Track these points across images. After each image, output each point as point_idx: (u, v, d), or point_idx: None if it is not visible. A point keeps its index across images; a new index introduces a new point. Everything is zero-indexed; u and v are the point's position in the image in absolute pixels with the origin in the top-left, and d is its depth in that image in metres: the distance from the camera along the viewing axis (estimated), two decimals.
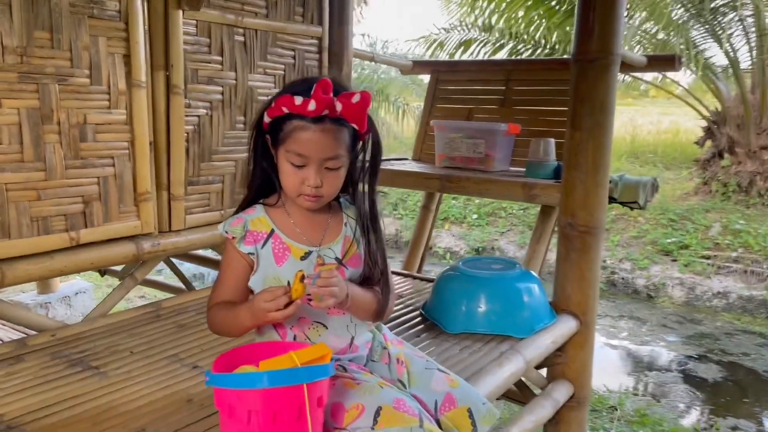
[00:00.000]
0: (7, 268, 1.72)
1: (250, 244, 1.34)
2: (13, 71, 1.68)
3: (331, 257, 1.37)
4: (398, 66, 3.25)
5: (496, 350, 1.92)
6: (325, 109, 1.23)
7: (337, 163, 1.28)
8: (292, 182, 1.29)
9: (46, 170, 1.78)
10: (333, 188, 1.31)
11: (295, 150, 1.25)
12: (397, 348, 1.52)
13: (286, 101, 1.24)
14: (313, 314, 1.37)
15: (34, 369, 1.67)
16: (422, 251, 3.00)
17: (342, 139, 1.27)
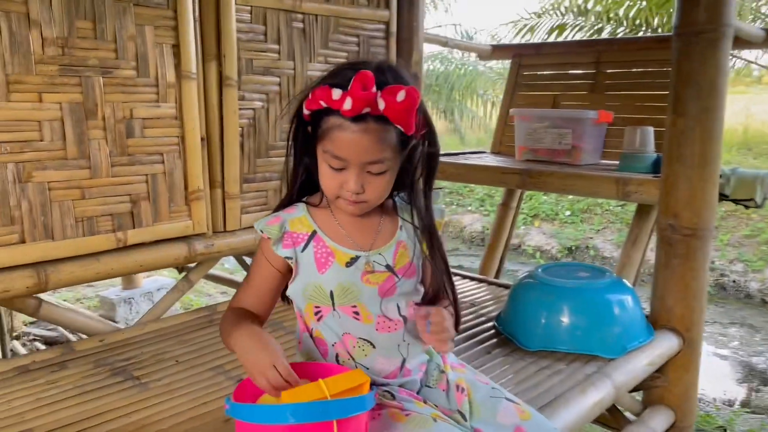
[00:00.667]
0: (51, 270, 1.64)
1: (288, 246, 1.16)
2: (54, 64, 1.60)
3: (381, 264, 1.18)
4: (475, 51, 3.00)
5: (580, 373, 1.65)
6: (364, 108, 1.03)
7: (381, 168, 1.09)
8: (329, 185, 1.12)
9: (91, 168, 1.69)
10: (377, 193, 1.12)
11: (333, 151, 1.07)
12: (457, 372, 1.30)
13: (323, 94, 1.05)
14: (358, 330, 1.18)
15: (75, 378, 1.59)
16: (501, 253, 2.74)
17: (387, 141, 1.06)
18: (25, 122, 1.57)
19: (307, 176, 1.20)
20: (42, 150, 1.60)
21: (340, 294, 1.16)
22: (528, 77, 2.78)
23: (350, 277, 1.16)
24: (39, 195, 1.61)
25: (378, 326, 1.18)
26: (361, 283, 1.16)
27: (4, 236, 1.57)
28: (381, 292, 1.17)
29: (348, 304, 1.17)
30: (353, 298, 1.16)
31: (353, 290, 1.16)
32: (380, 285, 1.17)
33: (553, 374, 1.65)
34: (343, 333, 1.18)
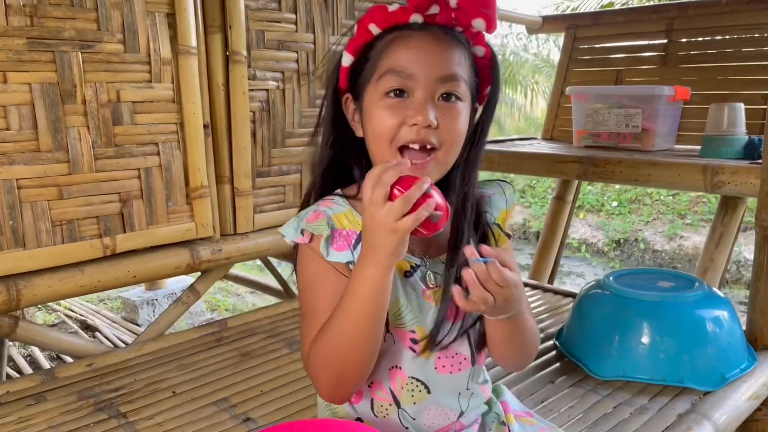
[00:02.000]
0: (23, 284, 1.37)
1: (342, 248, 0.85)
2: (21, 37, 1.32)
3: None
4: (524, 23, 2.65)
5: (669, 411, 1.31)
6: (434, 1, 0.81)
7: (458, 87, 0.82)
8: (385, 125, 0.81)
9: (70, 162, 1.41)
10: (455, 133, 0.82)
11: (394, 67, 0.80)
12: (522, 424, 0.98)
13: (376, 14, 0.83)
14: (411, 366, 0.88)
15: (52, 413, 1.32)
16: (556, 255, 2.40)
17: (462, 55, 0.83)
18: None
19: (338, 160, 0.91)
20: (8, 141, 1.33)
21: (397, 314, 0.85)
22: (585, 51, 2.42)
23: (410, 292, 0.86)
24: (6, 195, 1.34)
25: (438, 363, 0.89)
26: (423, 299, 0.86)
27: None
28: (450, 314, 0.87)
29: (405, 328, 0.86)
30: (412, 318, 0.86)
31: (414, 310, 0.86)
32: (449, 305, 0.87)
33: (636, 413, 1.31)
34: (391, 366, 0.87)
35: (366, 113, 0.84)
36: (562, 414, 1.31)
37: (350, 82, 0.87)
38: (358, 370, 0.80)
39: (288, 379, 1.45)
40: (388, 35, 0.83)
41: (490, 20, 0.81)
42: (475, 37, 0.86)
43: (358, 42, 0.84)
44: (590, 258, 6.90)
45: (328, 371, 0.80)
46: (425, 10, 0.81)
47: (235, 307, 4.31)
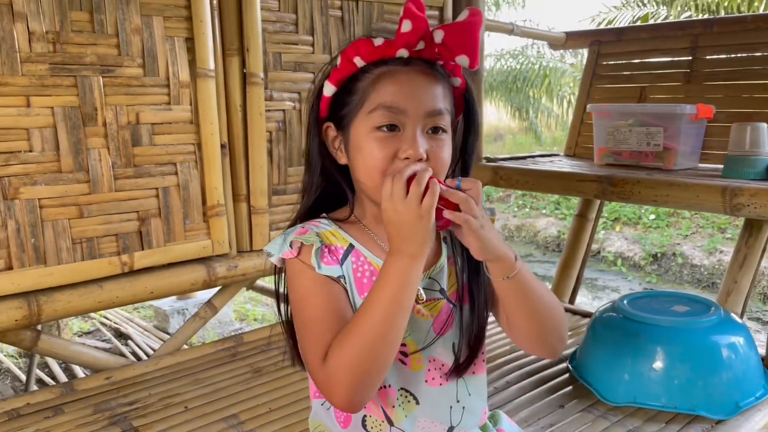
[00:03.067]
0: (44, 300, 1.43)
1: (331, 263, 0.86)
2: (44, 62, 1.38)
3: (434, 290, 0.90)
4: (547, 39, 2.63)
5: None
6: (422, 36, 0.82)
7: (443, 121, 0.84)
8: (378, 161, 0.82)
9: (90, 182, 1.47)
10: (442, 162, 0.85)
11: (385, 103, 0.82)
12: None
13: (361, 47, 0.84)
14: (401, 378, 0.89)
15: (68, 427, 1.37)
16: (578, 272, 2.37)
17: (446, 90, 0.87)
18: (10, 130, 1.36)
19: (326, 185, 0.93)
20: (31, 162, 1.39)
21: None
22: (608, 68, 2.39)
23: None
24: (28, 214, 1.40)
25: (428, 375, 0.90)
26: (413, 313, 0.86)
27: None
28: (437, 326, 0.89)
29: None
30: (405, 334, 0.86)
31: None
32: (436, 317, 0.89)
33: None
34: (383, 385, 0.89)
35: (354, 144, 0.85)
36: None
37: (331, 111, 0.89)
38: (385, 366, 0.79)
39: (296, 397, 1.47)
40: (375, 69, 0.84)
41: (474, 57, 0.83)
42: (453, 69, 0.88)
43: (342, 73, 0.85)
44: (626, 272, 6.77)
45: (355, 371, 0.77)
46: (414, 46, 0.83)
47: (264, 316, 4.36)
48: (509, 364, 1.66)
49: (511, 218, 8.37)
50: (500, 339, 1.82)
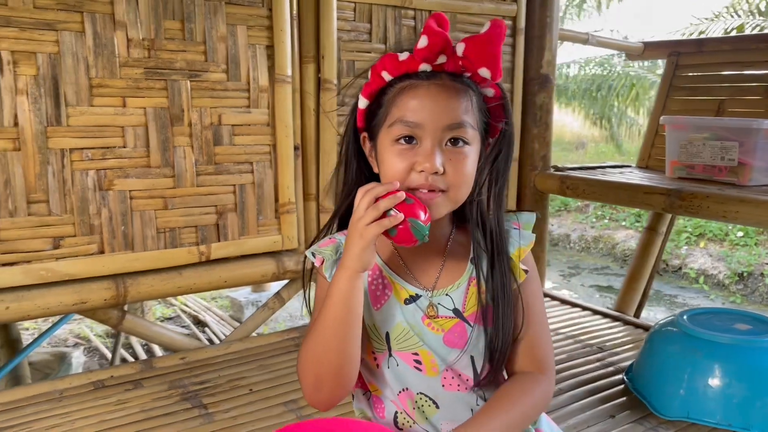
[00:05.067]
0: (130, 283, 1.57)
1: None
2: (139, 67, 1.52)
3: (447, 307, 0.92)
4: (624, 50, 2.60)
5: None
6: (441, 51, 0.83)
7: (464, 133, 0.85)
8: (397, 171, 0.85)
9: (175, 177, 1.60)
10: (461, 177, 0.86)
11: (403, 117, 0.84)
12: None
13: (387, 62, 0.87)
14: (419, 383, 0.93)
15: (146, 399, 1.49)
16: (645, 286, 2.33)
17: (468, 102, 0.86)
18: (107, 128, 1.51)
19: None
20: (124, 157, 1.53)
21: (398, 337, 0.91)
22: (686, 79, 2.34)
23: (410, 317, 0.92)
24: (120, 204, 1.54)
25: (444, 381, 0.93)
26: (423, 326, 0.91)
27: (83, 246, 1.51)
28: (446, 341, 0.92)
29: (408, 350, 0.92)
30: (414, 343, 0.91)
31: (413, 334, 0.91)
32: (446, 333, 0.92)
33: None
34: (402, 388, 0.94)
35: (379, 155, 0.90)
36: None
37: (366, 122, 0.93)
38: (333, 373, 0.85)
39: None
40: (399, 83, 0.87)
41: (495, 69, 0.85)
42: (483, 80, 0.88)
43: (372, 87, 0.90)
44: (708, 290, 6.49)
45: (307, 374, 0.86)
46: (433, 60, 0.85)
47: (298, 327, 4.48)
48: (564, 372, 1.67)
49: (588, 229, 8.18)
50: (558, 347, 1.83)
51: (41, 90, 1.42)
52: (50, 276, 1.47)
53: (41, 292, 1.47)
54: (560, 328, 1.99)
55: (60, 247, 1.48)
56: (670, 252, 7.05)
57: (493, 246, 0.91)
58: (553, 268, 7.17)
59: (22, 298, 1.45)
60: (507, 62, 2.17)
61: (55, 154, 1.45)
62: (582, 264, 7.50)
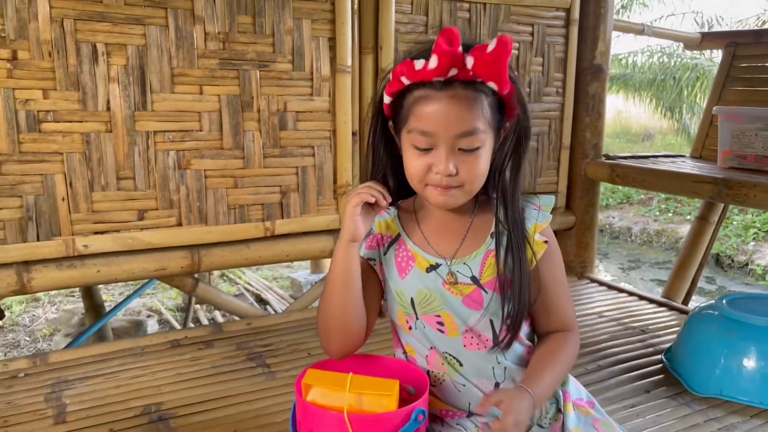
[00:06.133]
0: (204, 253, 1.75)
1: (371, 248, 1.07)
2: (215, 58, 1.68)
3: (465, 274, 1.03)
4: (680, 40, 2.61)
5: None
6: (451, 67, 0.90)
7: (475, 141, 0.94)
8: (416, 170, 0.97)
9: (245, 158, 1.76)
10: (473, 175, 0.96)
11: (419, 128, 0.94)
12: (580, 414, 1.10)
13: (405, 69, 0.94)
14: (443, 344, 1.06)
15: (216, 357, 1.66)
16: (694, 274, 2.35)
17: (480, 108, 0.93)
18: (186, 113, 1.68)
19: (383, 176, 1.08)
20: (201, 140, 1.70)
21: (422, 302, 1.04)
22: (743, 70, 2.34)
23: (431, 284, 1.04)
24: (196, 182, 1.71)
25: (465, 341, 1.05)
26: (444, 291, 1.03)
27: (164, 218, 1.69)
28: (465, 303, 1.03)
29: (431, 314, 1.05)
30: (436, 307, 1.04)
31: (435, 298, 1.03)
32: (464, 297, 1.03)
33: (723, 430, 1.35)
34: (430, 347, 1.07)
35: (402, 149, 1.00)
36: (650, 420, 1.38)
37: (392, 113, 1.01)
38: (337, 327, 1.00)
39: None
40: (416, 90, 0.94)
41: (502, 83, 0.92)
42: None
43: (393, 88, 0.98)
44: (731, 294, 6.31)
45: (320, 327, 1.03)
46: (445, 75, 0.92)
47: None
48: (604, 351, 1.75)
49: (651, 222, 8.03)
50: (600, 329, 1.90)
51: (130, 78, 1.59)
52: (135, 244, 1.65)
53: (127, 258, 1.66)
54: (605, 311, 2.06)
55: (144, 218, 1.66)
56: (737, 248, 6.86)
57: (511, 223, 1.01)
58: (613, 261, 7.09)
59: (111, 263, 1.64)
60: (560, 53, 2.24)
61: (141, 136, 1.63)
62: (643, 257, 7.38)
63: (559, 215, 2.37)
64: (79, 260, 1.61)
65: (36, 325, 3.88)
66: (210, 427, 1.33)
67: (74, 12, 1.51)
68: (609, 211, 8.72)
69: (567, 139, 2.32)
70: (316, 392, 0.99)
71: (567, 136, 2.32)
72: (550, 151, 2.30)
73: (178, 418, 1.36)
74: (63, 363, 1.61)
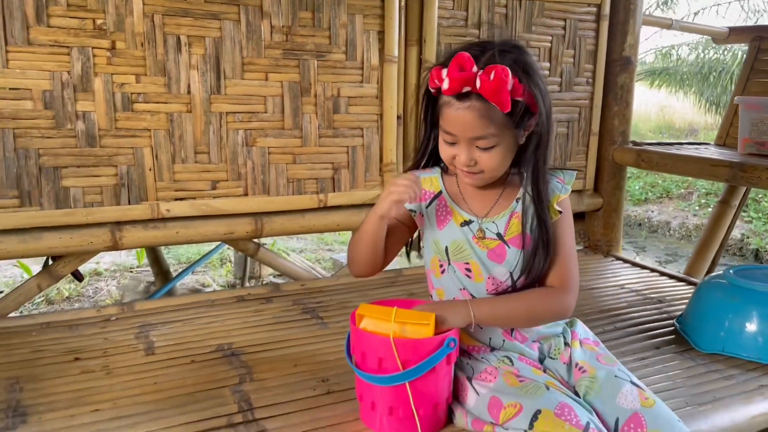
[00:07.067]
0: (266, 220, 1.99)
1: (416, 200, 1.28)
2: (279, 48, 1.92)
3: (492, 231, 1.26)
4: (708, 34, 2.74)
5: (753, 382, 1.51)
6: (462, 87, 1.11)
7: (487, 143, 1.16)
8: (446, 156, 1.23)
9: (302, 138, 2.00)
10: (490, 166, 1.19)
11: (444, 127, 1.19)
12: (585, 350, 1.31)
13: (435, 74, 1.16)
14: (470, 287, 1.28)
15: (276, 311, 1.91)
16: (714, 254, 2.50)
17: (491, 117, 1.13)
18: (254, 97, 1.92)
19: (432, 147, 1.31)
20: (265, 120, 1.94)
21: (454, 250, 1.26)
22: (767, 63, 2.47)
23: (463, 236, 1.26)
24: (260, 157, 1.96)
25: (488, 286, 1.27)
26: (473, 243, 1.26)
27: (232, 189, 1.94)
28: (491, 256, 1.26)
29: (461, 261, 1.27)
30: (466, 255, 1.26)
31: (465, 249, 1.26)
32: (490, 250, 1.26)
33: (722, 379, 1.53)
34: (460, 288, 1.29)
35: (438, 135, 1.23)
36: (655, 370, 1.57)
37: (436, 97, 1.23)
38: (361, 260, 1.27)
39: None
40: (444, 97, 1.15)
41: (502, 105, 1.10)
42: None
43: (432, 85, 1.18)
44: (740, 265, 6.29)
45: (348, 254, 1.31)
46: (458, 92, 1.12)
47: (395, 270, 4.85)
48: (622, 315, 1.93)
49: (690, 217, 8.03)
50: (621, 298, 2.09)
51: (207, 66, 1.84)
52: (208, 210, 1.91)
53: (201, 222, 1.92)
54: (626, 284, 2.24)
55: (216, 188, 1.92)
56: None
57: (536, 192, 1.23)
58: (650, 254, 7.15)
59: (188, 227, 1.90)
60: (590, 45, 2.41)
61: (215, 117, 1.88)
62: (680, 251, 7.41)
63: (587, 197, 2.55)
64: (161, 222, 1.87)
65: (99, 296, 4.22)
66: (275, 361, 1.57)
67: (163, 8, 1.76)
68: (648, 205, 8.74)
69: (596, 126, 2.49)
70: (366, 322, 1.22)
71: (596, 123, 2.49)
72: (579, 136, 2.48)
73: (248, 354, 1.61)
74: (146, 310, 1.88)
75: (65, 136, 1.72)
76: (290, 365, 1.55)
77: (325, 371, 1.51)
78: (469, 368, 1.27)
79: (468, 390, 1.24)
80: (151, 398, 1.36)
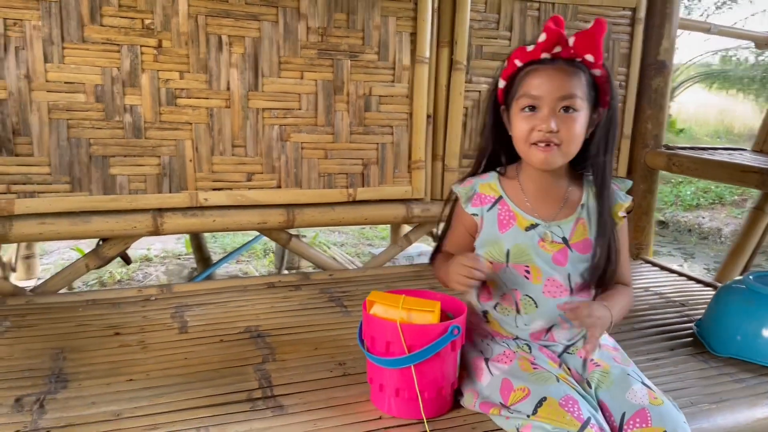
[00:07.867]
0: (297, 212, 2.09)
1: (476, 205, 1.35)
2: (314, 48, 2.02)
3: (558, 236, 1.30)
4: (749, 39, 2.71)
5: (763, 386, 1.52)
6: (556, 44, 1.18)
7: (574, 103, 1.19)
8: (521, 132, 1.23)
9: (334, 134, 2.09)
10: (570, 134, 1.20)
11: (527, 92, 1.21)
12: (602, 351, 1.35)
13: (518, 53, 1.23)
14: (526, 287, 1.32)
15: (303, 298, 2.01)
16: (746, 261, 2.47)
17: (578, 80, 1.19)
18: (289, 94, 2.02)
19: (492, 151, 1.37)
20: (299, 117, 2.04)
21: (516, 253, 1.31)
22: None
23: (528, 240, 1.30)
24: (294, 152, 2.06)
25: (545, 289, 1.31)
26: (537, 247, 1.30)
27: (267, 181, 2.05)
28: (554, 259, 1.30)
29: (521, 263, 1.31)
30: (527, 259, 1.30)
31: (528, 252, 1.30)
32: (554, 253, 1.30)
33: (732, 382, 1.55)
34: (513, 288, 1.33)
35: (511, 121, 1.27)
36: (665, 370, 1.59)
37: (504, 97, 1.29)
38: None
39: None
40: (527, 67, 1.22)
41: (597, 54, 1.18)
42: (591, 63, 1.22)
43: (508, 71, 1.26)
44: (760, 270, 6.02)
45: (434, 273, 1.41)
46: (551, 50, 1.19)
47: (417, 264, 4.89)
48: (641, 317, 1.96)
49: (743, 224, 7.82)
50: (643, 300, 2.10)
51: (246, 64, 1.95)
52: (243, 200, 2.02)
53: (237, 211, 2.03)
54: (650, 287, 2.25)
55: (251, 180, 2.03)
56: None
57: (602, 198, 1.28)
58: (698, 261, 6.99)
59: (224, 215, 2.02)
60: (624, 49, 2.42)
61: (253, 112, 1.99)
62: None
63: None
64: (200, 210, 2.00)
65: (148, 280, 4.43)
66: (297, 344, 1.67)
67: (206, 9, 1.88)
68: (699, 211, 8.52)
69: (628, 129, 2.50)
70: (377, 308, 1.30)
71: (628, 126, 2.50)
72: None
73: (272, 336, 1.71)
74: (184, 293, 2.00)
75: (114, 128, 1.85)
76: (311, 348, 1.64)
77: (343, 355, 1.60)
78: (489, 350, 1.34)
79: (483, 370, 1.30)
80: (181, 372, 1.47)
